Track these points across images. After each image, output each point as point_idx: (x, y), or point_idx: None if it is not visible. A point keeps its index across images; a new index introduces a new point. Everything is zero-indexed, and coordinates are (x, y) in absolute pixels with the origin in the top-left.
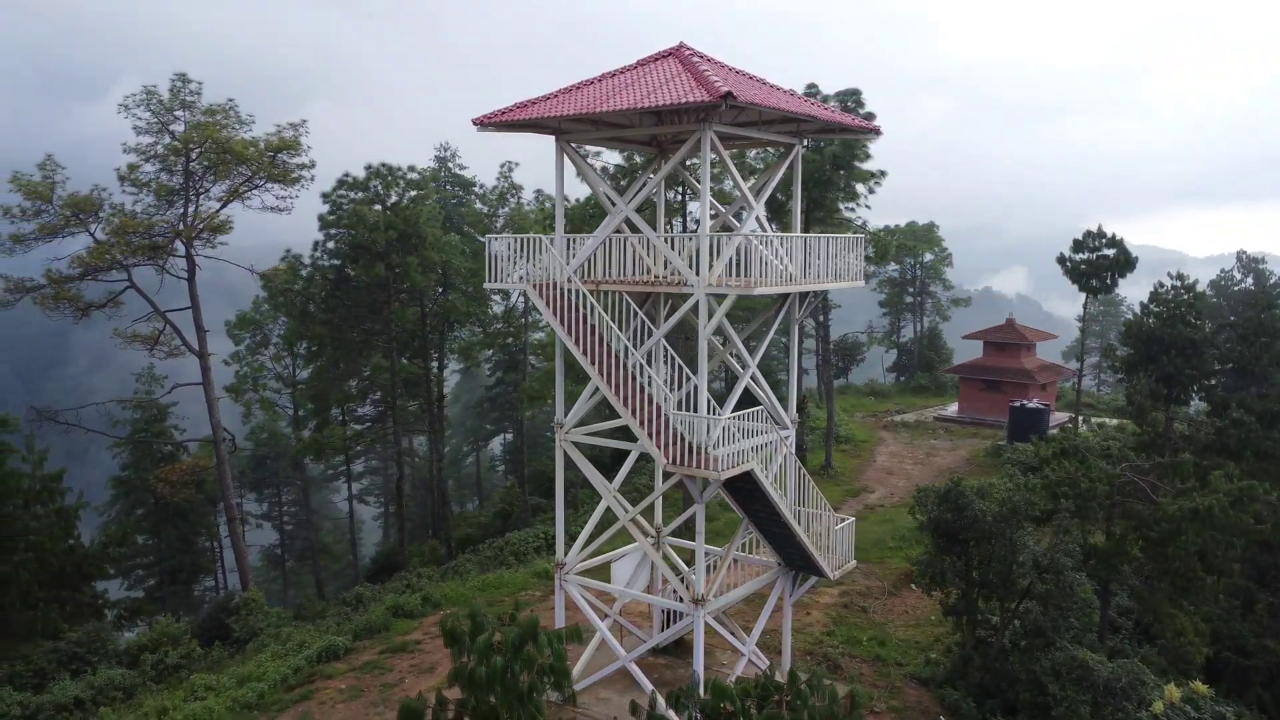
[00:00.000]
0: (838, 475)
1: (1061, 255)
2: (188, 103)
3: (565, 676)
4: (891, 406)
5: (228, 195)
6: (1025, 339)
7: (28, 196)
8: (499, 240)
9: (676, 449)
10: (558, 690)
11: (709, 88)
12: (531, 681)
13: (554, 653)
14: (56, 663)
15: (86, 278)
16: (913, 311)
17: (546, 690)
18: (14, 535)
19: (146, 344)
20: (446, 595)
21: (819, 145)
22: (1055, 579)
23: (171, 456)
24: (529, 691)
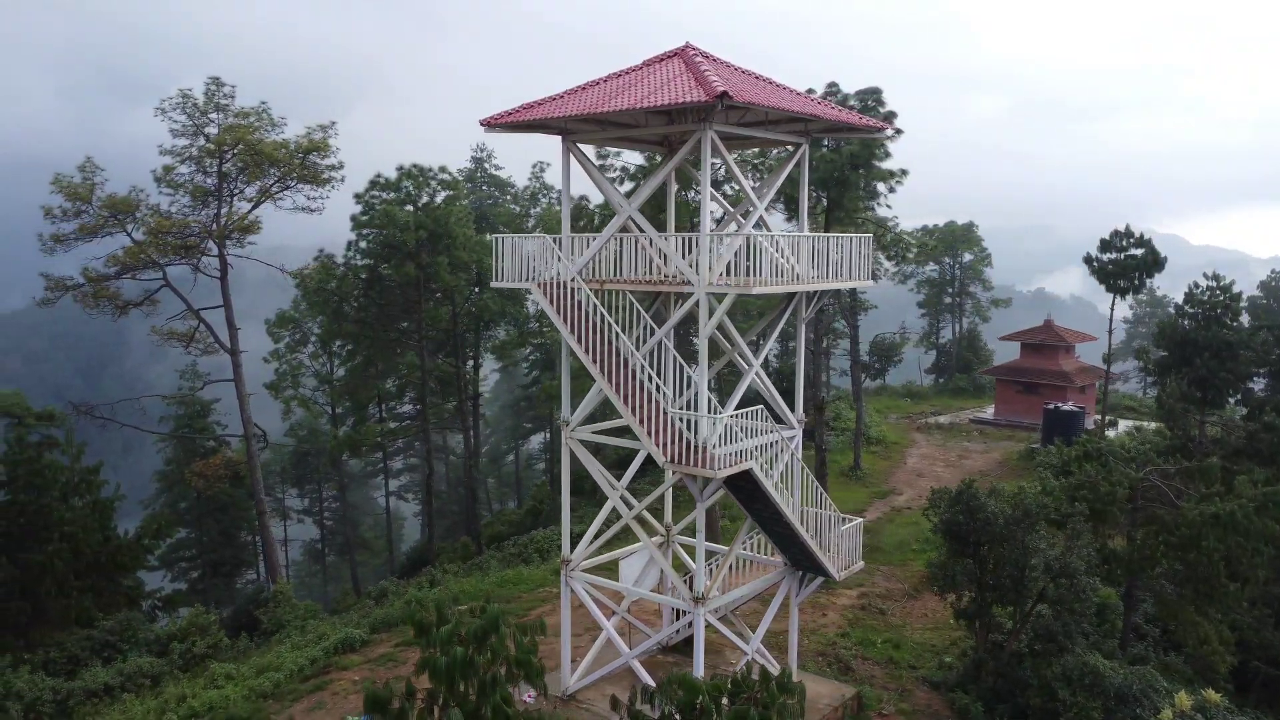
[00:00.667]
0: (866, 477)
1: (1089, 255)
2: (222, 105)
3: (531, 669)
4: (927, 408)
5: (259, 196)
6: (1063, 340)
7: (68, 198)
8: (506, 240)
9: (676, 448)
10: (529, 682)
11: (706, 87)
12: (495, 673)
13: (518, 645)
14: (89, 650)
15: (122, 276)
16: (951, 312)
17: (519, 683)
18: (49, 526)
19: (183, 340)
20: (464, 590)
21: (837, 145)
22: (1068, 583)
23: (213, 452)
24: (492, 681)
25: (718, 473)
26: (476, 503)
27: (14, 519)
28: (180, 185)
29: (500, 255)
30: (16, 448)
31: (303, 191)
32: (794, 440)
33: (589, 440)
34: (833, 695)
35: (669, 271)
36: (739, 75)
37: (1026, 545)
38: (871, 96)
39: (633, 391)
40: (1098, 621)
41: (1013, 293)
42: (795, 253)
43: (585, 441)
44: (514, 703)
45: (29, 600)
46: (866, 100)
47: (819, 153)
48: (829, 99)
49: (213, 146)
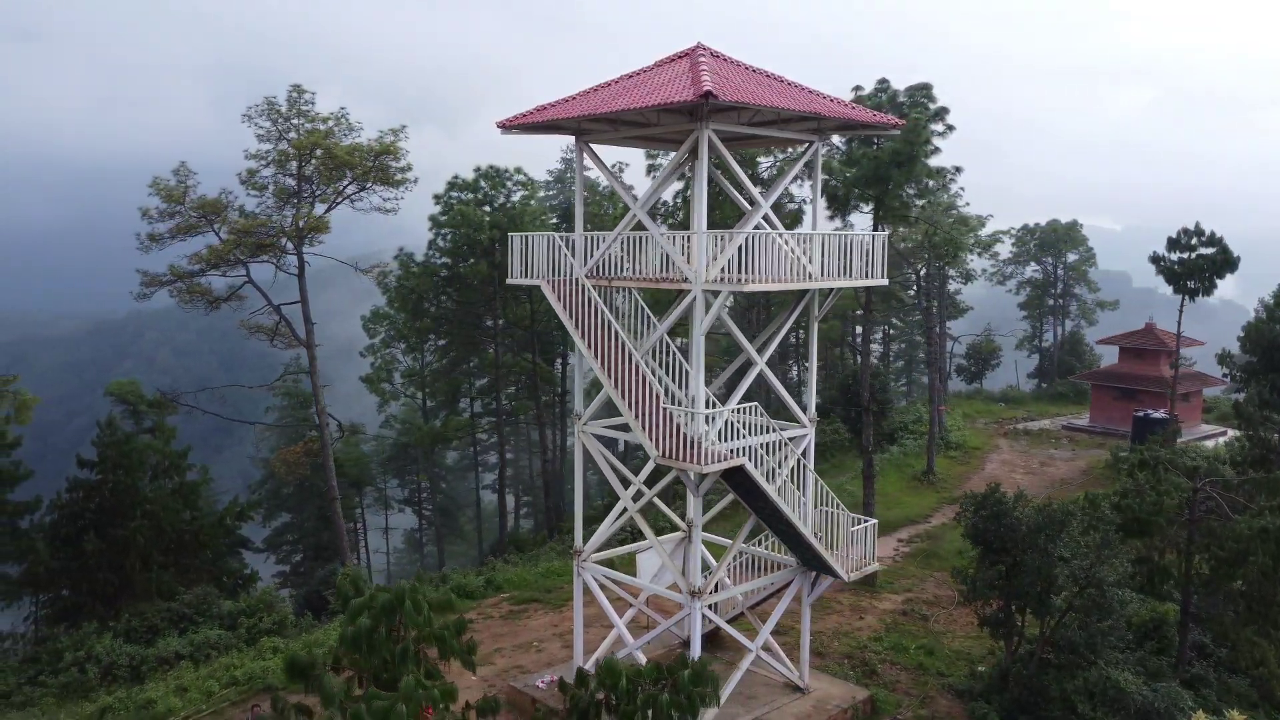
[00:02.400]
0: (939, 481)
1: (1155, 254)
2: (303, 111)
3: (447, 644)
4: (1020, 414)
5: (334, 197)
6: (1165, 345)
7: (164, 199)
8: (519, 238)
9: (672, 442)
10: (452, 655)
11: (695, 87)
12: (406, 645)
13: (425, 619)
14: (168, 621)
15: (205, 274)
16: (1054, 315)
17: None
18: (134, 504)
19: (267, 334)
20: (509, 579)
21: (875, 142)
22: (1096, 594)
23: (314, 441)
24: (402, 653)
25: (703, 467)
26: (558, 496)
27: (104, 497)
28: (263, 187)
29: (514, 253)
30: (107, 431)
31: (377, 193)
32: (805, 439)
33: (603, 435)
34: (844, 697)
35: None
36: (744, 75)
37: (1051, 553)
38: (920, 92)
39: (632, 387)
40: (1150, 638)
41: (1155, 297)
42: (806, 251)
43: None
44: (441, 675)
45: (116, 573)
46: (915, 96)
47: (862, 151)
48: (879, 95)
49: (291, 151)
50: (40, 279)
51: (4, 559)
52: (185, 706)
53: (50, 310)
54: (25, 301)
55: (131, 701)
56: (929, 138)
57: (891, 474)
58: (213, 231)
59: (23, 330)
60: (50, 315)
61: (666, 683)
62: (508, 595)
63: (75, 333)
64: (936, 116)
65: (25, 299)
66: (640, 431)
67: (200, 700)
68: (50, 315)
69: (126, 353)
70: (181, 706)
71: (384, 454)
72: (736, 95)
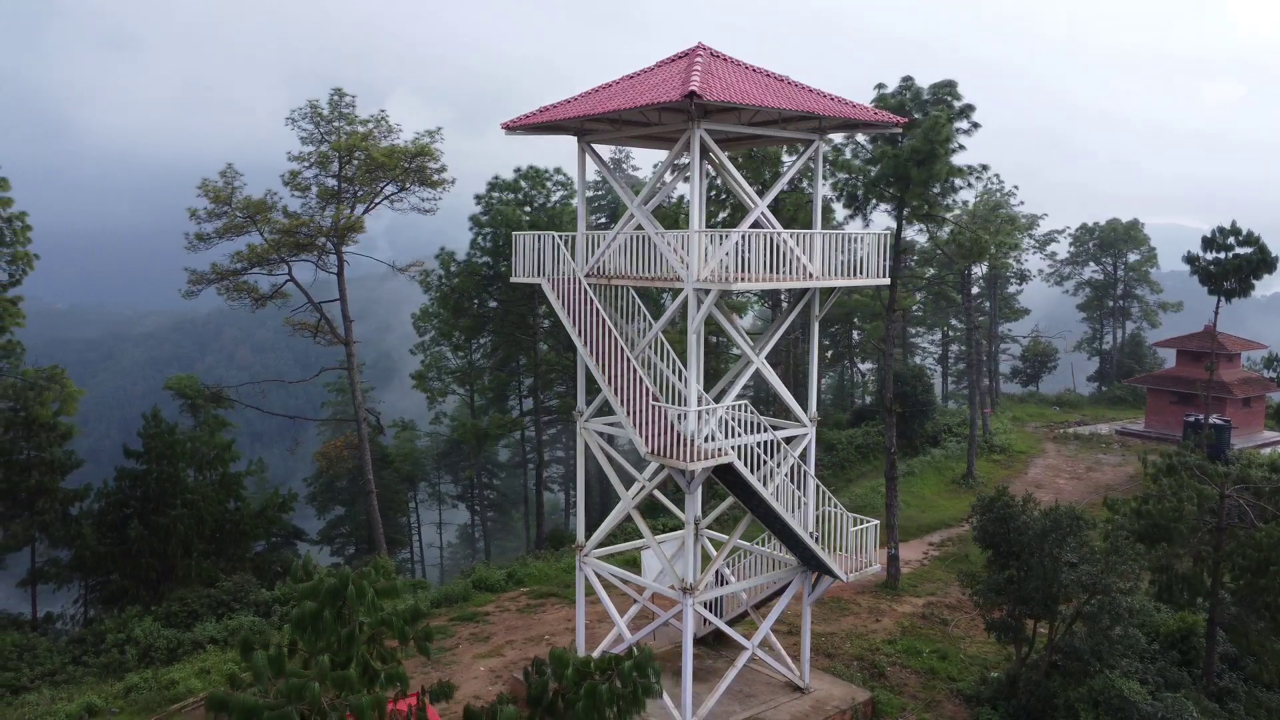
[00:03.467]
0: (979, 485)
1: (1190, 254)
2: (344, 114)
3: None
4: (1074, 418)
5: (370, 197)
6: (1224, 348)
7: (212, 200)
8: (522, 237)
9: (664, 439)
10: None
11: (683, 86)
12: (353, 629)
13: (370, 604)
14: (207, 606)
15: (247, 272)
16: (1115, 316)
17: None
18: (175, 493)
19: (310, 331)
20: (530, 574)
21: (896, 141)
22: (1103, 601)
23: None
24: (348, 636)
25: (689, 464)
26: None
27: (148, 486)
28: (306, 188)
29: (517, 252)
30: (152, 423)
31: (416, 193)
32: (806, 439)
33: (605, 431)
34: (844, 698)
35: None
36: (740, 75)
37: (1058, 558)
38: (945, 90)
39: (624, 383)
40: (1177, 649)
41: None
42: (806, 251)
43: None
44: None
45: (158, 559)
46: (939, 93)
47: (881, 149)
48: (902, 93)
49: (331, 153)
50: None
51: (55, 544)
52: (205, 688)
53: (136, 308)
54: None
55: (156, 681)
56: (949, 136)
57: (931, 476)
58: (257, 231)
59: (110, 327)
60: (136, 313)
61: (609, 673)
62: (527, 590)
63: (159, 329)
64: (961, 114)
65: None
66: (630, 427)
67: (220, 681)
68: (136, 313)
69: (208, 348)
70: (202, 688)
71: (437, 450)
72: (724, 95)
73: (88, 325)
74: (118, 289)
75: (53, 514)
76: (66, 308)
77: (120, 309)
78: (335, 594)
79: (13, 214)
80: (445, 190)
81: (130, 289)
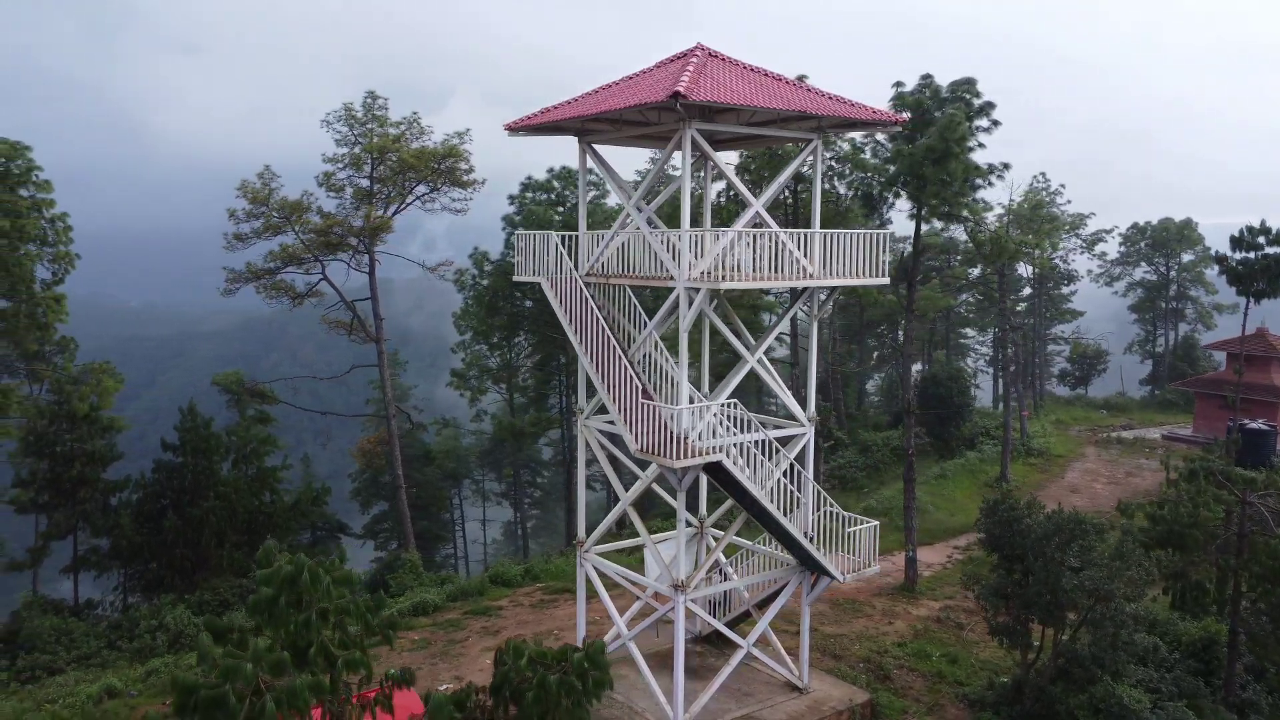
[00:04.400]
0: (1012, 489)
1: (1219, 254)
2: (377, 117)
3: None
4: (1120, 421)
5: (400, 196)
6: (1277, 351)
7: (250, 201)
8: (524, 237)
9: (653, 437)
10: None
11: (668, 87)
12: (309, 615)
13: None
14: (237, 595)
15: (281, 271)
16: (1167, 318)
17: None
18: (209, 486)
19: (345, 329)
20: (547, 570)
21: (914, 138)
22: (1107, 608)
23: (409, 433)
24: (305, 622)
25: (675, 462)
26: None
27: (184, 479)
28: (340, 189)
29: (520, 251)
30: (188, 418)
31: (448, 194)
32: (804, 438)
33: (606, 430)
34: (842, 699)
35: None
36: (735, 75)
37: (1060, 562)
38: (964, 87)
39: (617, 381)
40: (1198, 658)
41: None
42: (805, 250)
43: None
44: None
45: (192, 549)
46: (958, 90)
47: (897, 148)
48: (921, 91)
49: (363, 154)
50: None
51: (96, 533)
52: None
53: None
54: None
55: (177, 665)
56: (965, 134)
57: (963, 479)
58: (294, 231)
59: (181, 325)
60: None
61: (562, 665)
62: (543, 585)
63: (226, 328)
64: (981, 112)
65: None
66: (622, 424)
67: None
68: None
69: (273, 346)
70: None
71: (481, 448)
72: (712, 95)
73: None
74: (188, 288)
75: (93, 504)
76: (139, 306)
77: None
78: (291, 581)
79: (55, 215)
80: (476, 190)
81: (200, 288)
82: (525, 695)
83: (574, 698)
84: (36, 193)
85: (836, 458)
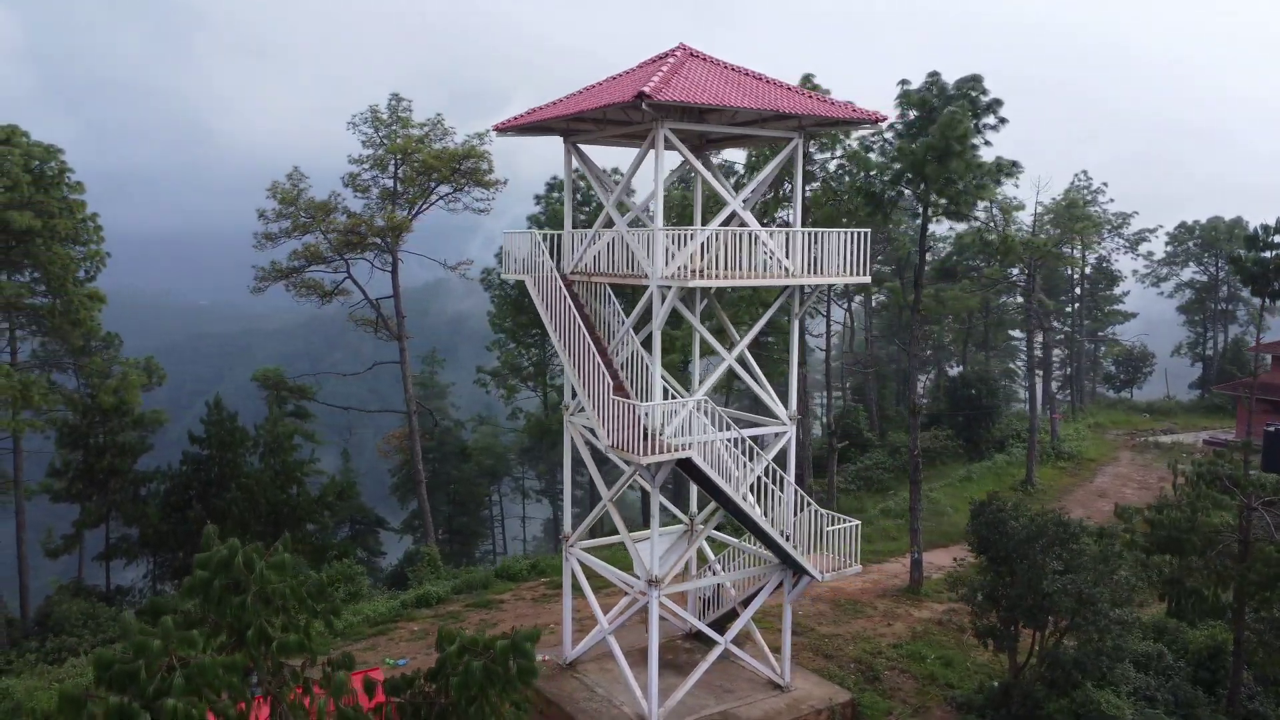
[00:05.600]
0: (1038, 493)
1: (1235, 254)
2: (402, 118)
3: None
4: (1161, 425)
5: (420, 197)
6: None
7: (280, 202)
8: (510, 235)
9: (626, 433)
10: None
11: (635, 87)
12: (244, 599)
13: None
14: None
15: (306, 270)
16: (1216, 320)
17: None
18: (231, 478)
19: (371, 326)
20: (554, 565)
21: (911, 135)
22: (1089, 612)
23: (448, 431)
24: (240, 605)
25: (643, 458)
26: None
27: (209, 471)
28: (366, 189)
29: (506, 250)
30: (214, 411)
31: (471, 194)
32: (785, 437)
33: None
34: (822, 698)
35: (700, 265)
36: (713, 75)
37: (1043, 565)
38: (968, 84)
39: (592, 378)
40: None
41: None
42: (786, 249)
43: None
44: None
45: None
46: (964, 88)
47: (897, 146)
48: (929, 88)
49: (386, 155)
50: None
51: (127, 522)
52: None
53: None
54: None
55: None
56: (966, 132)
57: (989, 482)
58: (320, 231)
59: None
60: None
61: (485, 652)
62: (547, 580)
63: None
64: (988, 109)
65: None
66: (596, 419)
67: None
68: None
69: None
70: None
71: (520, 445)
72: (680, 95)
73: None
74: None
75: (123, 494)
76: (208, 304)
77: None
78: (224, 564)
79: (87, 215)
80: (499, 190)
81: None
82: (452, 681)
83: (498, 685)
84: (69, 194)
85: (865, 459)
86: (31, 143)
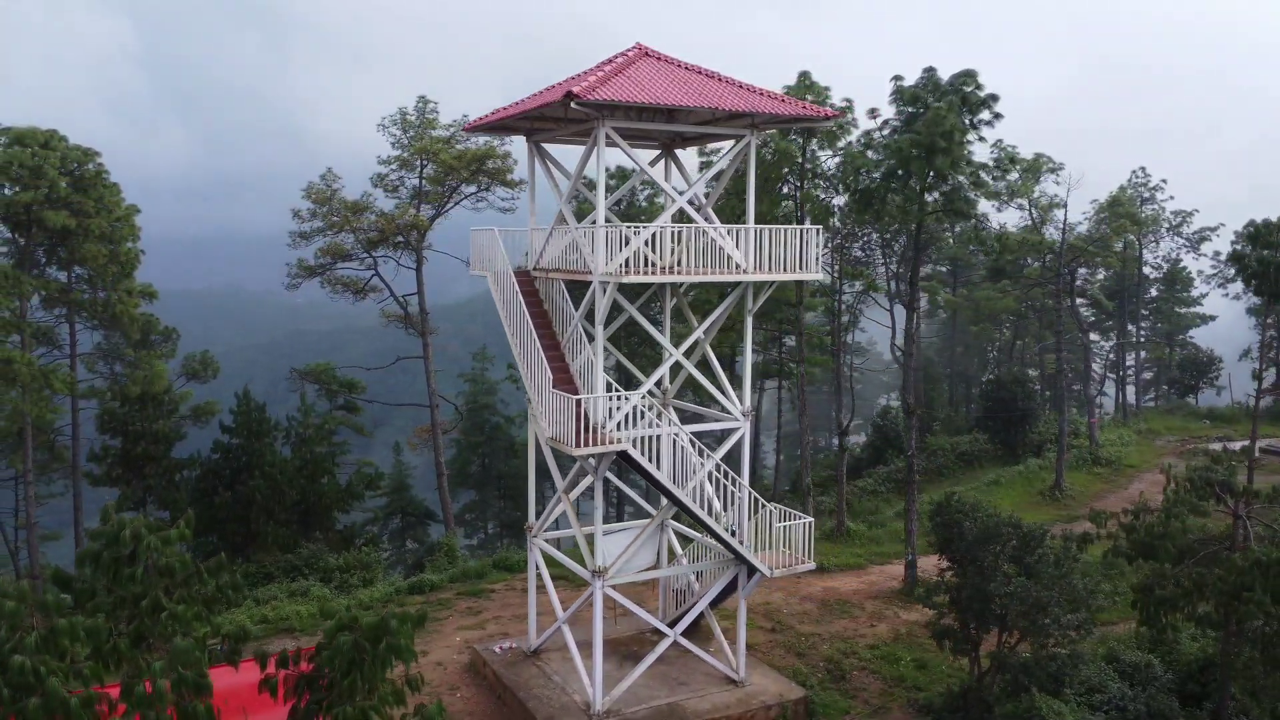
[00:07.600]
0: (1066, 499)
1: (1236, 252)
2: (429, 120)
3: (179, 577)
4: (1218, 432)
5: (443, 197)
6: None
7: (314, 202)
8: (476, 233)
9: (565, 425)
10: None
11: (565, 87)
12: (136, 569)
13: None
14: (282, 570)
15: (332, 268)
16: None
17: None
18: (256, 466)
19: (401, 322)
20: (549, 556)
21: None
22: (1040, 616)
23: (496, 427)
24: (130, 577)
25: (574, 450)
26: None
27: (238, 459)
28: (395, 189)
29: (473, 247)
30: (244, 401)
31: (496, 193)
32: (739, 432)
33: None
34: (775, 694)
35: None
36: (664, 75)
37: (993, 568)
38: (963, 80)
39: (535, 369)
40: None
41: None
42: (740, 245)
43: None
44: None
45: (243, 525)
46: (958, 83)
47: (883, 143)
48: (924, 84)
49: (409, 157)
50: None
51: (162, 508)
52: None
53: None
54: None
55: None
56: (953, 128)
57: (1018, 487)
58: (351, 230)
59: (343, 321)
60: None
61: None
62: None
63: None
64: (983, 105)
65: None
66: (539, 411)
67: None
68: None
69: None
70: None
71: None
72: (616, 95)
73: (322, 319)
74: None
75: (158, 480)
76: (304, 303)
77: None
78: (113, 539)
79: (120, 214)
80: (522, 190)
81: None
82: (323, 655)
83: (367, 661)
84: (105, 195)
85: (900, 460)
86: (70, 146)
